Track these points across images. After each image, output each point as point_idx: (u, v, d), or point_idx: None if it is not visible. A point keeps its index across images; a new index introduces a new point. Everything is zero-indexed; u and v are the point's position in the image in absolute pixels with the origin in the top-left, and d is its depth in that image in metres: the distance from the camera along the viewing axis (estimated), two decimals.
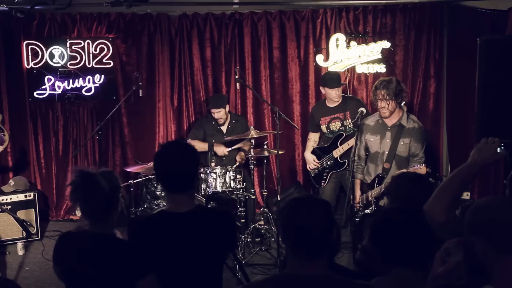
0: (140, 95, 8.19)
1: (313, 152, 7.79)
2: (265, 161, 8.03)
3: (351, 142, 7.21)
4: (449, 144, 8.75)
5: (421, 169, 6.22)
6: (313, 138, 7.85)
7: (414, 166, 6.30)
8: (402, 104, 7.94)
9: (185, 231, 3.50)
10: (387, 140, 6.51)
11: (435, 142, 8.89)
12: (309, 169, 7.81)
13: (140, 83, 8.13)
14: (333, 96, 7.55)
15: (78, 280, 3.35)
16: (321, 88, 7.74)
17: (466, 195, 7.86)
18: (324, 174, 7.59)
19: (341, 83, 7.63)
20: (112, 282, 3.31)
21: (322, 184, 7.59)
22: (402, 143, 6.47)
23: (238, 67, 8.43)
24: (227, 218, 3.68)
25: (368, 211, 6.40)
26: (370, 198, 6.47)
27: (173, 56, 9.00)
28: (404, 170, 6.17)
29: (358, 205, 6.69)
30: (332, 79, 7.58)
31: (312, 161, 7.74)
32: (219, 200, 7.00)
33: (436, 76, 8.90)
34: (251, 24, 8.93)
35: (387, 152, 6.53)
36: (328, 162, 7.55)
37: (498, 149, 3.10)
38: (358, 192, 6.82)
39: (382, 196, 6.39)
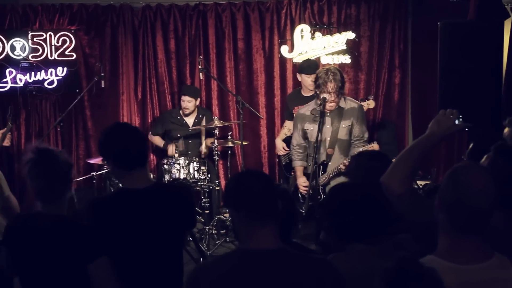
0: (102, 86, 8.11)
1: (285, 140, 7.75)
2: (229, 152, 7.98)
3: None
4: (414, 135, 8.77)
5: (374, 146, 6.20)
6: (288, 126, 7.81)
7: (364, 146, 6.25)
8: (371, 99, 7.96)
9: (146, 206, 3.48)
10: (327, 126, 6.41)
11: (400, 133, 8.91)
12: (281, 157, 7.78)
13: (102, 74, 8.07)
14: (309, 83, 7.52)
15: (29, 263, 3.28)
16: (297, 75, 7.75)
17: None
18: None
19: (316, 71, 7.62)
20: (64, 265, 3.25)
21: (293, 173, 7.50)
22: (343, 125, 6.39)
23: (201, 56, 8.37)
24: (186, 193, 3.67)
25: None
26: (317, 187, 6.39)
27: (137, 48, 8.90)
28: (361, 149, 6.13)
29: (304, 192, 6.61)
30: (310, 66, 7.60)
31: (281, 148, 7.73)
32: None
33: (401, 67, 8.93)
34: (215, 15, 8.86)
35: (328, 139, 6.44)
36: None
37: (457, 121, 3.07)
38: (302, 178, 6.73)
39: (328, 182, 6.36)
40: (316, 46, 8.52)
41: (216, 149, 7.55)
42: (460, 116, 3.09)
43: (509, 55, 6.09)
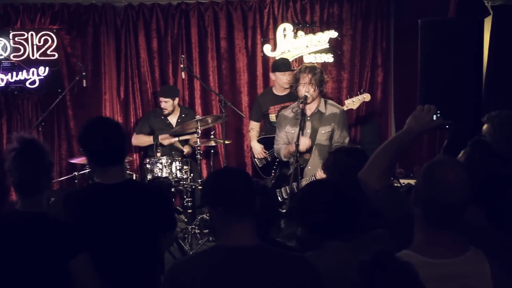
0: (84, 85, 8.09)
1: (260, 141, 7.73)
2: (212, 151, 7.97)
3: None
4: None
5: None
6: (256, 128, 7.81)
7: None
8: (364, 93, 7.96)
9: (119, 201, 3.47)
10: (308, 131, 6.39)
11: (383, 132, 8.92)
12: (256, 159, 7.74)
13: (84, 73, 8.04)
14: (284, 82, 7.53)
15: (8, 262, 3.25)
16: (271, 74, 7.75)
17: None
18: (275, 165, 7.47)
19: (291, 68, 7.62)
20: (44, 262, 3.21)
21: (272, 174, 7.48)
22: (323, 131, 6.37)
23: (183, 55, 8.36)
24: (160, 194, 3.64)
25: None
26: (295, 191, 6.33)
27: (119, 47, 8.87)
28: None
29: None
30: (283, 64, 7.61)
31: (261, 151, 7.67)
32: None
33: (384, 66, 8.94)
34: (198, 14, 8.84)
35: (308, 143, 6.42)
36: None
37: (434, 116, 3.08)
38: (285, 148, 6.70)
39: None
40: (299, 45, 8.51)
41: (198, 148, 7.53)
42: (438, 112, 3.10)
43: (490, 53, 6.11)
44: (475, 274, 2.57)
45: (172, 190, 7.56)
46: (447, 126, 3.31)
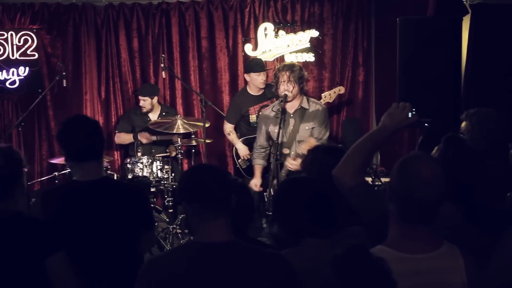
0: (64, 85, 8.05)
1: (244, 142, 7.73)
2: (193, 150, 7.96)
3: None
4: None
5: (310, 142, 6.19)
6: (233, 130, 7.82)
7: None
8: (339, 90, 7.98)
9: (96, 199, 3.48)
10: (291, 127, 6.38)
11: (364, 131, 8.88)
12: (239, 161, 7.74)
13: (64, 73, 8.00)
14: (259, 82, 7.54)
15: None
16: (245, 75, 7.75)
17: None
18: None
19: (265, 68, 7.63)
20: (21, 260, 3.21)
21: None
22: (306, 127, 6.37)
23: (163, 55, 8.34)
24: (136, 193, 3.64)
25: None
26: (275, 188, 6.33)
27: (100, 47, 8.83)
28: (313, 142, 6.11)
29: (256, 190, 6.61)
30: (258, 64, 7.61)
31: (247, 153, 7.65)
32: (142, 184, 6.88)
33: (365, 65, 8.96)
34: (179, 14, 8.83)
35: (286, 140, 6.43)
36: None
37: (410, 114, 3.09)
38: (257, 179, 6.74)
39: None
40: (280, 44, 8.51)
41: (179, 148, 7.52)
42: (414, 109, 3.11)
43: (469, 51, 6.13)
44: (449, 269, 2.57)
45: (153, 190, 7.54)
46: (426, 124, 3.30)
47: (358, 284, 2.07)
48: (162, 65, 7.99)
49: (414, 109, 3.09)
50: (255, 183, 6.71)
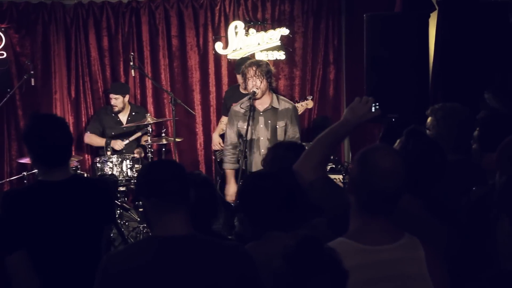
0: (33, 84, 7.99)
1: (222, 135, 7.72)
2: (163, 149, 7.93)
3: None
4: None
5: None
6: (225, 121, 7.79)
7: None
8: (310, 99, 7.99)
9: (63, 199, 3.42)
10: (261, 126, 6.35)
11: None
12: (216, 152, 7.74)
13: (32, 72, 7.94)
14: (239, 82, 7.55)
15: None
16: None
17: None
18: None
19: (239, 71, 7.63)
20: None
21: None
22: (278, 126, 6.36)
23: (132, 53, 8.31)
24: (104, 188, 3.61)
25: None
26: None
27: (69, 46, 8.77)
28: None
29: (230, 200, 6.47)
30: (238, 64, 7.60)
31: (217, 143, 7.70)
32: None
33: (336, 63, 8.98)
34: (149, 12, 8.79)
35: (262, 138, 6.37)
36: None
37: (373, 108, 3.09)
38: (231, 186, 6.55)
39: None
40: (250, 43, 8.53)
41: (150, 146, 7.49)
42: (377, 104, 3.11)
43: (436, 48, 6.16)
44: (409, 261, 2.57)
45: (123, 189, 7.50)
46: (393, 119, 3.31)
47: (308, 275, 2.07)
48: (131, 63, 7.96)
49: (377, 104, 3.09)
50: (230, 192, 6.53)
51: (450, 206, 3.42)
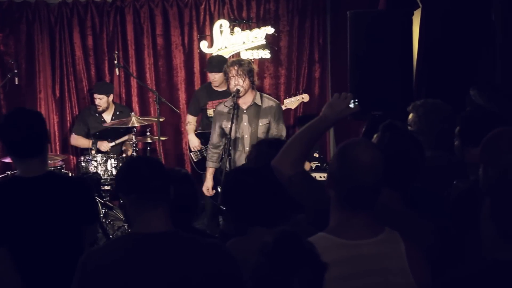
0: (16, 83, 7.95)
1: (197, 135, 7.70)
2: (148, 148, 7.91)
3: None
4: (335, 128, 8.81)
5: None
6: (193, 122, 7.78)
7: None
8: (302, 98, 8.00)
9: (37, 195, 3.38)
10: (245, 123, 6.33)
11: None
12: (192, 153, 7.71)
13: (16, 71, 7.89)
14: (212, 80, 7.54)
15: None
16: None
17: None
18: None
19: (219, 69, 7.59)
20: None
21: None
22: (260, 124, 6.36)
23: (117, 52, 8.29)
24: (82, 186, 3.57)
25: None
26: None
27: (54, 45, 8.74)
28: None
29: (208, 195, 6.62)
30: (211, 63, 7.61)
31: (197, 144, 7.65)
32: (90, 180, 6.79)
33: (321, 61, 9.00)
34: (134, 11, 8.78)
35: (246, 136, 6.35)
36: None
37: (351, 104, 3.08)
38: (209, 182, 6.64)
39: None
40: (236, 41, 8.53)
41: (135, 146, 7.47)
42: (356, 100, 3.10)
43: (420, 45, 6.17)
44: (390, 255, 2.57)
45: (108, 188, 7.47)
46: (377, 116, 3.30)
47: (287, 270, 2.06)
48: (116, 62, 7.94)
49: (356, 100, 3.08)
50: (207, 187, 6.61)
51: (431, 201, 3.42)
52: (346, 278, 2.48)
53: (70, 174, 7.73)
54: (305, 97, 8.10)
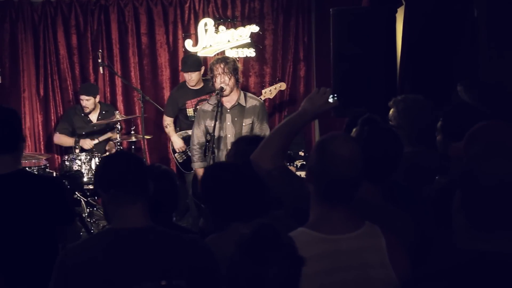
0: (0, 82, 7.91)
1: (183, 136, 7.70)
2: (133, 147, 7.89)
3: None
4: (320, 126, 8.83)
5: None
6: (171, 123, 7.80)
7: None
8: (280, 86, 8.01)
9: (6, 192, 3.35)
10: (228, 123, 6.34)
11: (306, 126, 8.92)
12: (176, 154, 7.70)
13: (0, 70, 7.84)
14: (188, 79, 7.56)
15: None
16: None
17: None
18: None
19: (195, 68, 7.59)
20: None
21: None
22: (244, 124, 6.35)
23: (100, 50, 8.25)
24: (54, 185, 3.53)
25: None
26: None
27: (38, 44, 8.68)
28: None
29: None
30: (186, 62, 7.67)
31: (182, 145, 7.64)
32: (71, 178, 6.74)
33: (306, 60, 8.99)
34: (118, 10, 8.74)
35: (229, 136, 6.35)
36: None
37: (331, 99, 3.08)
38: None
39: None
40: (220, 40, 8.51)
41: (119, 144, 7.45)
42: (335, 95, 3.10)
43: (403, 42, 6.18)
44: (370, 249, 2.56)
45: (92, 187, 7.42)
46: (359, 112, 3.30)
47: (264, 263, 2.04)
48: (99, 60, 7.90)
49: (335, 95, 3.08)
50: None
51: (412, 196, 3.42)
52: (326, 273, 2.48)
53: (54, 174, 7.67)
54: (282, 85, 8.14)
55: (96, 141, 7.97)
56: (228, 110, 6.33)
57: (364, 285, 2.54)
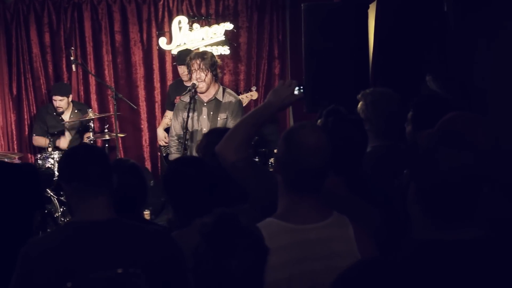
0: None
1: (166, 130, 7.67)
2: (107, 145, 7.85)
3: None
4: (295, 122, 8.83)
5: None
6: (169, 116, 7.75)
7: None
8: (254, 90, 8.00)
9: None
10: (204, 117, 6.32)
11: (281, 123, 8.95)
12: (162, 147, 7.70)
13: None
14: (180, 73, 7.53)
15: None
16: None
17: None
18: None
19: (184, 62, 7.57)
20: None
21: None
22: (219, 118, 6.35)
23: (73, 48, 8.20)
24: (27, 171, 3.54)
25: None
26: None
27: (10, 42, 8.64)
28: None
29: None
30: (179, 56, 7.56)
31: (162, 138, 7.66)
32: (41, 174, 6.70)
33: (281, 57, 9.01)
34: (91, 7, 8.71)
35: (205, 129, 6.29)
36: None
37: (296, 91, 3.07)
38: None
39: None
40: (195, 38, 8.52)
41: (92, 143, 7.41)
42: (301, 87, 3.09)
43: (375, 37, 6.20)
44: (339, 238, 2.56)
45: None
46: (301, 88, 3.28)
47: (227, 251, 2.03)
48: (72, 58, 7.85)
49: (301, 87, 3.07)
50: None
51: (380, 190, 3.43)
52: (296, 263, 2.47)
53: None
54: (254, 95, 8.12)
55: (69, 137, 7.91)
56: (205, 104, 6.31)
57: (334, 274, 2.53)
